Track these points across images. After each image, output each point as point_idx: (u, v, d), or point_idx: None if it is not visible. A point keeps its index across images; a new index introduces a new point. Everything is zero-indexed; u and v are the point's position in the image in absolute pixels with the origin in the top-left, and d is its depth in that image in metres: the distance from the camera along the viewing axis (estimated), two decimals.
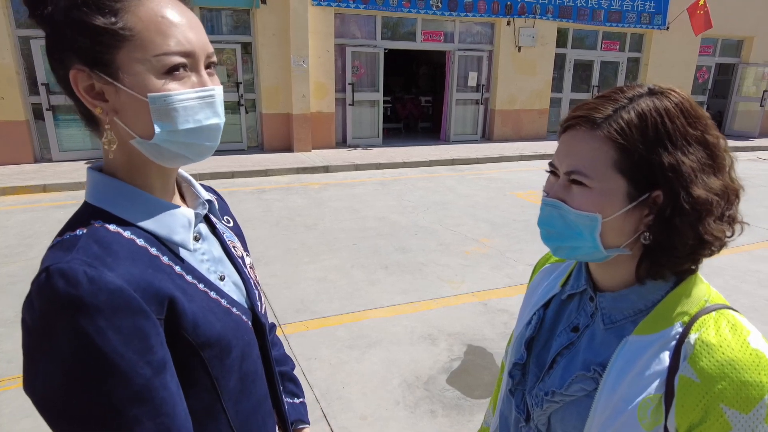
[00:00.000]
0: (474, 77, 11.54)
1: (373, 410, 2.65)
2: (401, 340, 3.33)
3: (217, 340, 0.72)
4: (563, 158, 0.73)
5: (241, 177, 8.11)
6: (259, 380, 0.83)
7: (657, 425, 0.67)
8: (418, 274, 4.41)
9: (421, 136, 12.86)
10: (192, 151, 0.72)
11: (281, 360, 1.06)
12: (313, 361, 3.07)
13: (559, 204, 0.72)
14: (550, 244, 0.77)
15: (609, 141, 0.68)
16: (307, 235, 5.35)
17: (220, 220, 0.89)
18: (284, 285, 4.12)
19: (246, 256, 0.91)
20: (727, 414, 0.63)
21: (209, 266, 0.78)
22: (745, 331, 0.68)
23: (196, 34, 0.69)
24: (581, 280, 0.83)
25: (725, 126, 14.68)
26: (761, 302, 3.99)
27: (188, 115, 0.69)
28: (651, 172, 0.68)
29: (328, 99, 10.32)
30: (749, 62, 14.11)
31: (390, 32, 10.83)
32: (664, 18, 12.63)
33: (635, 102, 0.69)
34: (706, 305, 0.71)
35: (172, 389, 0.65)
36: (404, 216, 6.13)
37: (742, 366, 0.64)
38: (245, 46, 9.77)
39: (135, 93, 0.66)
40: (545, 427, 0.80)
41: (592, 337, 0.78)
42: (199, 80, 0.70)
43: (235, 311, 0.78)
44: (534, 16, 11.32)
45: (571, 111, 0.74)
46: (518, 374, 0.87)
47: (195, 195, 0.83)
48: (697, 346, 0.67)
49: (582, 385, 0.75)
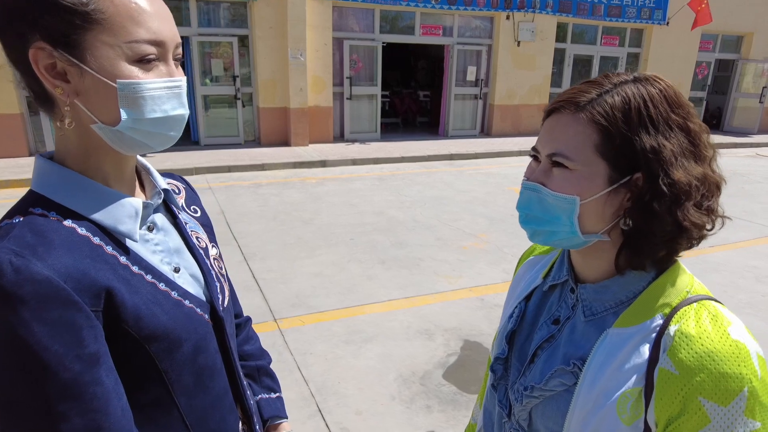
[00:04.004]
0: (473, 72, 11.49)
1: (368, 405, 2.63)
2: (397, 335, 3.31)
3: (163, 333, 0.70)
4: (546, 141, 0.72)
5: (237, 171, 8.06)
6: (217, 375, 0.81)
7: (637, 419, 0.66)
8: (416, 269, 4.39)
9: (419, 130, 12.81)
10: (155, 141, 0.71)
11: (257, 354, 1.04)
12: (308, 356, 3.05)
13: (538, 187, 0.72)
14: (527, 227, 0.76)
15: (592, 124, 0.68)
16: (304, 230, 5.32)
17: (184, 209, 0.87)
18: (280, 280, 4.09)
19: (212, 247, 0.89)
20: (705, 407, 0.62)
21: (163, 257, 0.77)
22: (726, 322, 0.66)
23: (167, 24, 0.69)
24: (563, 271, 0.82)
25: (724, 122, 14.67)
26: (758, 298, 3.98)
27: (156, 105, 0.68)
28: (632, 155, 0.67)
29: (325, 93, 10.27)
30: (749, 58, 14.07)
31: (388, 26, 10.76)
32: (664, 13, 12.58)
33: (620, 87, 0.69)
34: (688, 296, 0.70)
35: (106, 385, 0.63)
36: (402, 211, 6.10)
37: (721, 357, 0.63)
38: (242, 39, 9.70)
39: (102, 77, 0.64)
40: (526, 422, 0.79)
41: (573, 329, 0.77)
42: (168, 70, 0.69)
43: (188, 304, 0.75)
44: (533, 10, 11.26)
45: (556, 97, 0.74)
46: (500, 369, 0.85)
47: (153, 184, 0.81)
48: (676, 337, 0.66)
49: (562, 379, 0.74)
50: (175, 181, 0.92)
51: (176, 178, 0.93)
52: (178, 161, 8.14)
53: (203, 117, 9.69)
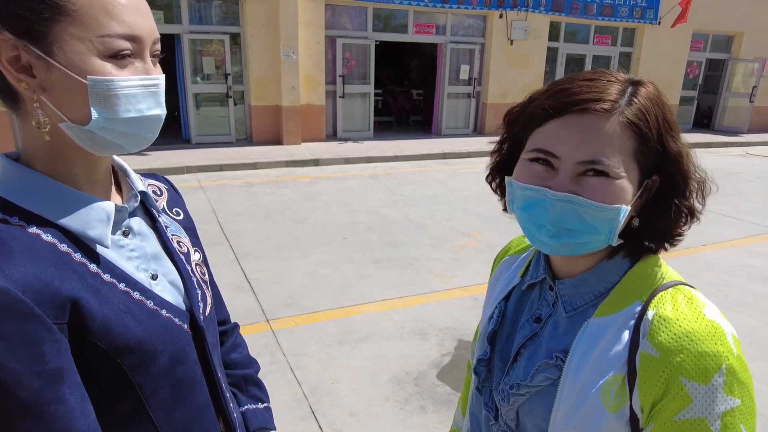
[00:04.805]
0: (466, 70, 11.48)
1: (362, 406, 2.60)
2: (391, 335, 3.29)
3: (137, 346, 0.66)
4: (575, 146, 0.65)
5: (229, 170, 8.00)
6: (198, 387, 0.77)
7: (622, 406, 0.67)
8: (409, 268, 4.36)
9: (412, 129, 12.79)
10: (129, 142, 0.67)
11: (244, 363, 1.00)
12: (301, 356, 3.01)
13: (578, 199, 0.65)
14: (556, 242, 0.69)
15: (628, 128, 0.66)
16: (297, 229, 5.28)
17: (165, 212, 0.83)
18: (273, 280, 4.05)
19: (194, 252, 0.85)
20: (687, 386, 0.63)
21: (139, 264, 0.72)
22: (701, 304, 0.68)
23: (145, 18, 0.65)
24: (540, 270, 0.81)
25: (715, 121, 14.77)
26: (751, 297, 3.99)
27: (130, 104, 0.64)
28: (662, 158, 0.69)
29: (318, 91, 10.22)
30: (739, 58, 14.18)
31: (381, 24, 10.73)
32: (656, 12, 12.64)
33: (635, 87, 0.68)
34: (663, 282, 0.71)
35: (70, 402, 0.59)
36: (395, 210, 6.08)
37: (699, 337, 0.64)
38: (234, 37, 9.62)
39: (71, 73, 0.60)
40: (514, 422, 0.78)
41: (556, 326, 0.76)
42: (144, 67, 0.65)
43: (165, 313, 0.71)
44: (526, 9, 11.26)
45: (556, 93, 0.69)
46: (483, 371, 0.84)
47: (131, 186, 0.77)
48: (655, 321, 0.67)
49: (546, 374, 0.73)
50: (158, 182, 0.89)
51: (159, 179, 0.89)
52: (169, 160, 8.06)
53: (194, 115, 9.61)
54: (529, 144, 0.72)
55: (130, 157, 8.03)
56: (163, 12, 9.01)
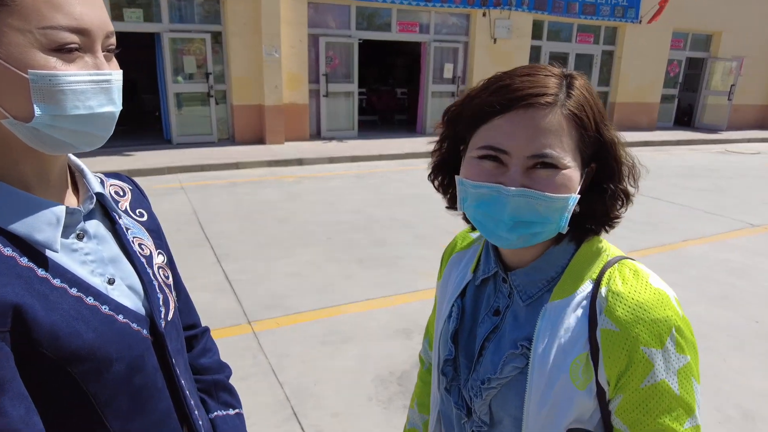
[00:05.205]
0: (450, 69, 11.49)
1: (345, 407, 2.57)
2: (376, 334, 3.25)
3: (89, 353, 0.63)
4: (526, 141, 0.67)
5: (211, 170, 7.90)
6: (159, 395, 0.74)
7: (589, 382, 0.70)
8: (394, 267, 4.33)
9: (397, 128, 12.77)
10: (80, 140, 0.64)
11: (214, 368, 0.96)
12: (284, 358, 2.96)
13: (532, 192, 0.67)
14: (514, 234, 0.71)
15: (571, 120, 0.68)
16: (280, 230, 5.22)
17: (128, 214, 0.80)
18: (255, 281, 3.99)
19: (158, 254, 0.82)
20: (647, 354, 0.67)
21: (94, 268, 0.69)
22: (645, 275, 0.72)
23: (94, 9, 0.61)
24: (491, 263, 0.83)
25: (695, 119, 15.00)
26: (730, 289, 4.04)
27: (78, 100, 0.61)
28: (599, 146, 0.72)
29: (301, 90, 10.15)
30: (718, 57, 14.41)
31: (365, 22, 10.69)
32: (637, 11, 12.79)
33: (570, 80, 0.70)
34: (608, 259, 0.75)
35: (11, 415, 0.56)
36: (380, 209, 6.04)
37: (650, 306, 0.68)
38: (215, 36, 9.51)
39: (10, 66, 0.57)
40: (488, 416, 0.79)
41: (515, 316, 0.78)
42: (95, 62, 0.62)
43: (122, 319, 0.68)
44: (509, 7, 11.31)
45: (498, 89, 0.70)
46: (450, 370, 0.85)
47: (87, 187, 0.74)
48: (609, 297, 0.70)
49: (514, 363, 0.75)
50: (121, 182, 0.85)
51: (123, 179, 0.86)
52: (149, 161, 7.94)
53: (176, 115, 9.47)
54: (476, 141, 0.72)
55: (109, 158, 7.90)
56: (143, 10, 8.86)
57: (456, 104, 0.80)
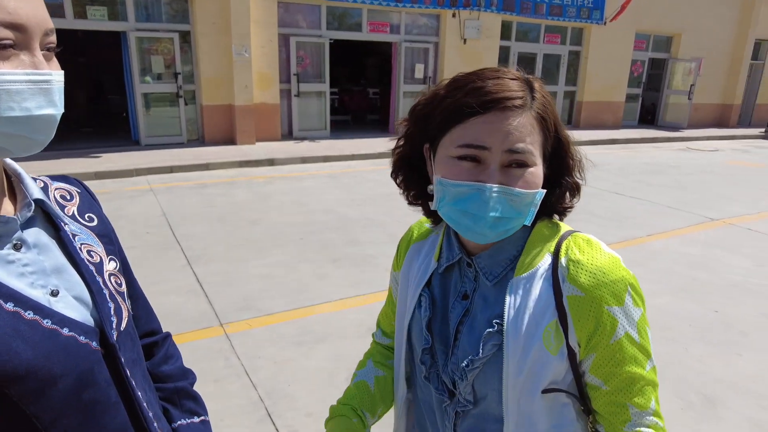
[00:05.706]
0: (421, 69, 11.57)
1: (319, 407, 2.57)
2: (349, 334, 3.26)
3: (27, 372, 0.58)
4: (503, 138, 0.71)
5: (180, 171, 7.76)
6: (112, 410, 0.70)
7: (561, 346, 0.76)
8: (367, 266, 4.35)
9: (369, 128, 12.79)
10: (16, 144, 0.59)
11: (177, 375, 0.93)
12: (257, 360, 2.95)
13: (509, 189, 0.72)
14: (492, 232, 0.75)
15: (537, 121, 0.74)
16: (252, 231, 5.17)
17: (75, 219, 0.76)
18: (226, 283, 3.95)
19: (108, 261, 0.77)
20: (611, 312, 0.75)
21: (34, 280, 0.65)
22: (596, 243, 0.80)
23: (31, 5, 0.57)
24: (454, 250, 0.86)
25: (658, 117, 15.48)
26: (690, 281, 4.20)
27: (14, 101, 0.56)
28: (556, 144, 0.78)
29: (272, 90, 10.06)
30: (678, 57, 14.91)
31: (336, 22, 10.67)
32: (601, 13, 13.12)
33: (530, 83, 0.75)
34: (562, 233, 0.82)
35: None
36: (353, 209, 6.05)
37: (607, 269, 0.76)
38: (183, 35, 9.35)
39: None
40: (471, 395, 0.82)
41: (484, 297, 0.82)
42: (32, 61, 0.58)
43: (67, 332, 0.64)
44: (478, 8, 11.46)
45: (473, 90, 0.72)
46: (428, 359, 0.87)
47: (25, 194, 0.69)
48: (570, 266, 0.77)
49: (492, 341, 0.79)
50: (68, 185, 0.81)
51: (71, 182, 0.82)
52: (117, 162, 7.75)
53: (143, 116, 9.27)
54: (451, 140, 0.74)
55: (75, 160, 7.68)
56: (107, 8, 8.64)
57: (422, 103, 0.81)
